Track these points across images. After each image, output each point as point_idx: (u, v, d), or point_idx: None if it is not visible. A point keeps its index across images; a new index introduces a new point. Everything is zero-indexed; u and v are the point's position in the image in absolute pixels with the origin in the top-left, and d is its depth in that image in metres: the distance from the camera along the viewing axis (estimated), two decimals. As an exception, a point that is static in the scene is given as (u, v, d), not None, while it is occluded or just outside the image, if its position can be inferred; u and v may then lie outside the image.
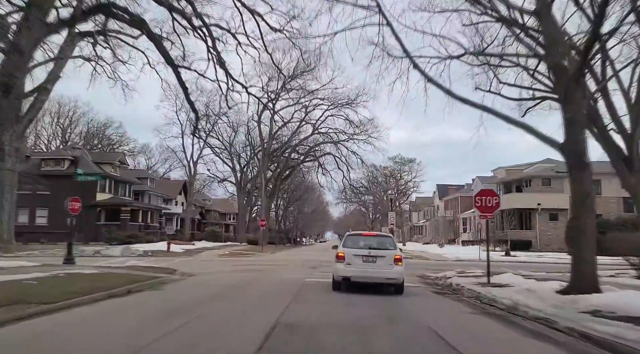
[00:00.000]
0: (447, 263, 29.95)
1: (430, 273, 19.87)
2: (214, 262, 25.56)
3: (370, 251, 12.02)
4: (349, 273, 11.92)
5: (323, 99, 51.12)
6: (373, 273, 11.81)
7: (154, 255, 32.56)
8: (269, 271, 19.16)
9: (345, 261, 12.01)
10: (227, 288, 13.00)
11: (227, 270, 19.93)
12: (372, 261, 11.86)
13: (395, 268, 11.88)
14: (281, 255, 38.83)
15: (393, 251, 12.22)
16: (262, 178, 50.87)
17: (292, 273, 18.60)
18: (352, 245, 12.48)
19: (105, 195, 47.19)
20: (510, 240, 44.09)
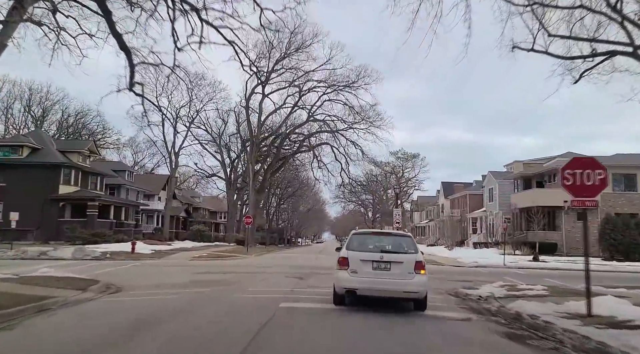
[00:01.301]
0: (469, 270, 24.30)
1: (460, 286, 14.57)
2: (175, 268, 19.87)
3: (383, 255, 9.22)
4: (354, 284, 9.10)
5: (320, 81, 45.30)
6: (386, 285, 9.01)
7: (113, 257, 27.25)
8: (237, 285, 13.50)
9: (349, 268, 9.19)
10: (130, 327, 7.32)
11: (181, 281, 14.27)
12: (384, 269, 9.06)
13: (415, 278, 9.03)
14: (268, 257, 33.16)
15: (413, 256, 9.31)
16: (249, 170, 45.12)
17: (269, 287, 13.01)
18: (359, 247, 9.56)
19: (71, 187, 41.43)
20: (533, 242, 38.49)
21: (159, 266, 21.27)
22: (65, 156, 42.20)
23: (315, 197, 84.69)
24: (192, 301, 10.07)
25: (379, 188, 76.13)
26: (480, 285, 14.95)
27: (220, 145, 59.00)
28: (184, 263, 23.26)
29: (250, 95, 45.42)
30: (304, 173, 62.08)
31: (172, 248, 38.54)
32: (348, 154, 47.05)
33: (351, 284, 9.10)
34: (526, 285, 13.94)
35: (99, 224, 40.85)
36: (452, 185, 74.48)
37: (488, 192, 53.33)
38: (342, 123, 47.46)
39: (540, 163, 46.26)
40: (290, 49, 42.52)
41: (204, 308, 9.34)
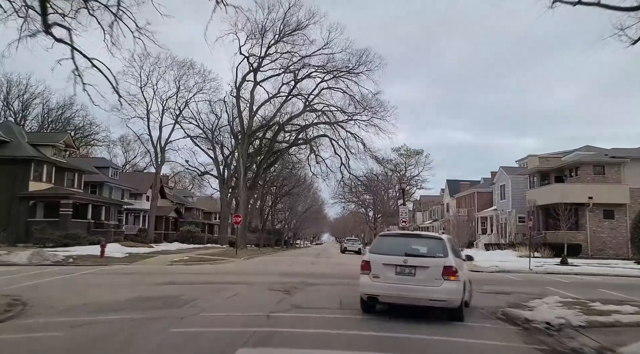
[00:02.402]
0: (494, 277, 20.35)
1: (503, 302, 11.15)
2: (133, 277, 16.01)
3: (407, 259, 8.21)
4: (376, 290, 8.32)
5: (317, 67, 41.31)
6: (410, 292, 8.07)
7: (77, 262, 23.58)
8: (193, 304, 9.59)
9: (371, 273, 8.40)
10: None
11: (123, 297, 10.51)
12: (409, 274, 8.15)
13: (444, 285, 7.97)
14: (257, 261, 29.32)
15: (441, 260, 8.19)
16: (240, 164, 41.20)
17: (237, 308, 9.18)
18: (382, 250, 8.69)
19: (43, 184, 37.52)
20: (554, 243, 34.63)
21: (119, 274, 17.36)
22: (38, 150, 38.30)
23: (314, 196, 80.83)
24: (95, 340, 6.20)
25: (380, 188, 72.26)
26: (529, 300, 11.17)
27: (213, 141, 55.18)
28: (154, 270, 19.37)
29: (241, 84, 41.55)
30: (301, 171, 58.26)
31: (152, 250, 34.69)
32: (348, 147, 43.13)
33: (372, 290, 8.43)
34: (599, 302, 10.05)
35: (74, 224, 36.99)
36: (457, 183, 70.49)
37: (499, 189, 49.40)
38: (342, 114, 43.57)
39: (558, 157, 42.39)
40: (284, 30, 38.69)
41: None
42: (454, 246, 9.45)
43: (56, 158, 39.24)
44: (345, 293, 11.91)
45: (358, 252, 52.44)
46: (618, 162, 35.62)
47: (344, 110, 42.99)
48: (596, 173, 35.99)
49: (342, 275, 18.87)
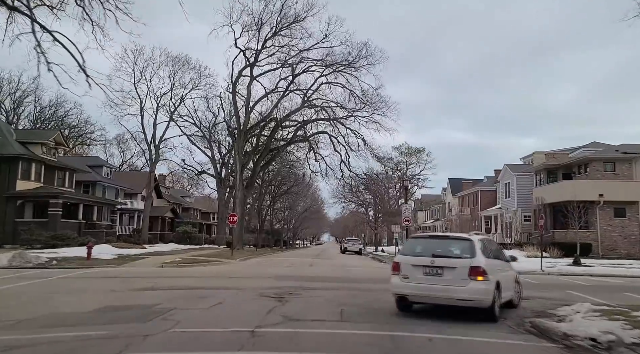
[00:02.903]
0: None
1: (523, 306, 10.15)
2: (114, 281, 14.61)
3: (435, 260, 8.41)
4: (405, 290, 8.67)
5: (316, 61, 39.77)
6: (438, 291, 8.29)
7: (61, 264, 22.33)
8: (167, 316, 8.16)
9: (401, 274, 8.73)
10: None
11: (90, 307, 9.17)
12: (436, 274, 8.36)
13: (470, 285, 8.10)
14: (254, 263, 27.93)
15: (467, 260, 8.32)
16: (236, 162, 39.73)
17: (217, 322, 7.79)
18: (412, 252, 9.14)
19: (31, 183, 36.08)
20: (563, 243, 33.22)
21: (99, 278, 15.96)
22: (26, 147, 36.88)
23: (313, 196, 79.36)
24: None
25: (381, 187, 70.76)
26: (555, 308, 9.82)
27: (210, 139, 53.75)
28: (140, 273, 17.97)
29: (237, 78, 40.09)
30: (301, 170, 56.79)
31: (144, 251, 33.25)
32: (348, 144, 41.65)
33: (402, 290, 8.83)
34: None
35: (63, 225, 35.58)
36: (460, 181, 69.16)
37: (504, 187, 47.96)
38: (342, 110, 42.08)
39: (565, 153, 40.94)
40: (281, 23, 37.24)
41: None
42: (488, 248, 9.30)
43: (46, 156, 37.80)
44: (347, 301, 10.51)
45: (359, 253, 50.96)
46: (629, 157, 34.21)
47: (344, 105, 41.55)
48: (607, 170, 34.58)
49: (343, 278, 17.46)
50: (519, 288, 10.44)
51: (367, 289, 13.34)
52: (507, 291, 9.33)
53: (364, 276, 18.90)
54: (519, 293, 10.41)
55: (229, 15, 41.54)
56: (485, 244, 9.28)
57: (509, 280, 9.72)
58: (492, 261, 8.87)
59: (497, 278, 8.52)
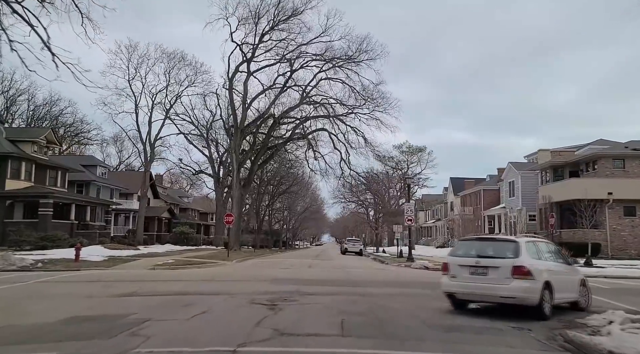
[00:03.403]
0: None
1: None
2: (97, 286, 13.56)
3: (479, 260, 9.07)
4: (452, 288, 9.43)
5: (315, 55, 38.58)
6: (483, 289, 8.91)
7: (47, 266, 21.30)
8: (138, 330, 7.03)
9: (450, 273, 9.52)
10: None
11: (58, 317, 8.12)
12: (481, 274, 8.95)
13: (513, 283, 8.59)
14: (250, 264, 26.81)
15: (510, 260, 8.80)
16: (233, 160, 38.58)
17: (196, 338, 6.56)
18: (459, 253, 9.82)
19: (21, 182, 34.98)
20: (571, 243, 32.05)
21: (81, 282, 14.84)
22: (16, 146, 35.77)
23: (313, 196, 78.19)
24: None
25: (381, 186, 69.62)
26: (584, 316, 8.70)
27: (207, 138, 52.66)
28: (127, 276, 16.82)
29: (234, 74, 38.95)
30: (300, 169, 55.64)
31: (137, 253, 32.13)
32: (348, 142, 40.47)
33: (450, 288, 9.45)
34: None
35: (55, 225, 34.49)
36: (462, 181, 67.88)
37: (508, 186, 46.81)
38: (342, 107, 40.93)
39: (571, 151, 39.81)
40: (279, 17, 36.09)
41: None
42: (539, 249, 9.69)
43: (37, 155, 36.69)
44: (348, 308, 9.38)
45: (359, 253, 49.74)
46: (639, 154, 33.08)
47: (344, 102, 40.39)
48: (616, 167, 33.44)
49: (343, 281, 16.32)
50: (586, 291, 10.54)
51: (369, 294, 12.22)
52: (565, 293, 9.64)
53: (365, 278, 17.78)
54: (587, 296, 10.51)
55: (224, 8, 40.36)
56: (537, 246, 9.76)
57: (568, 281, 9.95)
58: (542, 262, 9.24)
59: (546, 278, 8.82)
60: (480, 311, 9.78)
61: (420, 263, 26.62)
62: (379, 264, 30.65)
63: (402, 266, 27.22)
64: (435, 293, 12.89)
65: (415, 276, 19.63)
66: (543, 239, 11.44)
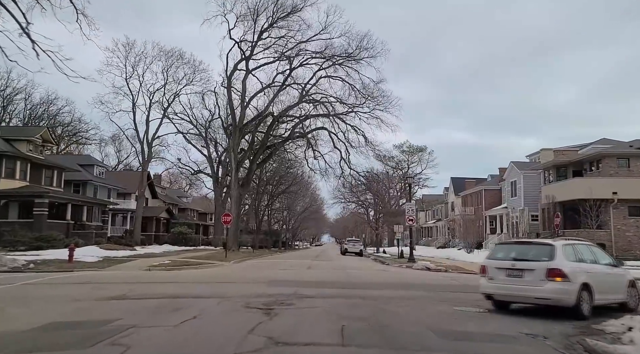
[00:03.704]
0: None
1: (557, 319, 8.43)
2: (80, 288, 13.03)
3: (515, 263, 9.52)
4: (490, 290, 9.88)
5: (315, 53, 38.01)
6: (518, 291, 9.31)
7: (39, 267, 20.79)
8: (119, 339, 6.45)
9: (487, 275, 9.94)
10: None
11: (17, 327, 7.46)
12: (517, 276, 9.40)
13: (547, 285, 8.93)
14: (248, 265, 26.26)
15: (545, 263, 9.16)
16: (231, 159, 38.03)
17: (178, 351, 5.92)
18: (496, 256, 10.25)
19: (16, 182, 34.38)
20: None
21: (70, 283, 14.29)
22: (11, 144, 35.19)
23: (313, 196, 77.61)
24: None
25: (381, 187, 69.09)
26: (600, 322, 8.15)
27: (206, 138, 52.12)
28: (119, 278, 16.28)
29: (232, 72, 38.36)
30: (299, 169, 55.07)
31: (134, 253, 31.59)
32: (349, 141, 39.88)
33: (488, 290, 9.87)
34: None
35: (50, 226, 33.89)
36: (462, 181, 67.30)
37: (510, 186, 46.25)
38: (342, 105, 40.34)
39: (574, 150, 39.23)
40: (278, 14, 35.53)
41: None
42: (578, 252, 9.83)
43: (32, 154, 36.12)
44: (348, 313, 8.81)
45: (359, 254, 49.11)
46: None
47: (344, 101, 39.79)
48: (620, 166, 32.88)
49: (343, 282, 15.76)
50: (636, 293, 10.74)
51: (371, 296, 11.65)
52: (609, 294, 9.87)
53: (366, 280, 17.22)
54: (637, 297, 10.71)
55: (222, 5, 39.60)
56: (576, 248, 9.93)
57: (612, 282, 10.09)
58: (580, 265, 9.46)
59: (584, 280, 9.02)
60: (489, 316, 9.23)
61: (421, 263, 26.05)
62: (380, 265, 30.10)
63: (403, 267, 26.66)
64: (438, 296, 12.35)
65: (417, 277, 19.07)
66: (585, 241, 11.34)
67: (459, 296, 12.43)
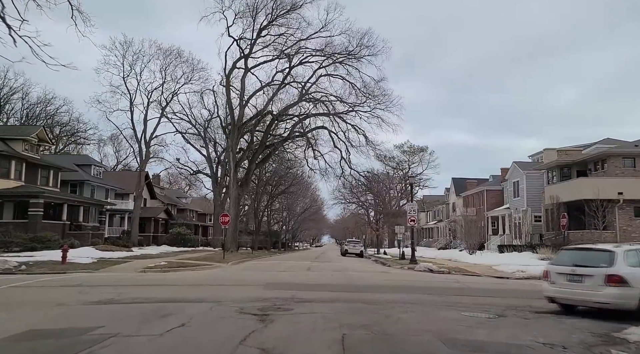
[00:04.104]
0: (531, 287, 16.69)
1: (570, 325, 8.07)
2: (69, 291, 12.49)
3: (575, 268, 9.86)
4: (552, 294, 10.30)
5: (315, 51, 37.45)
6: (578, 295, 9.70)
7: (32, 269, 20.29)
8: (97, 350, 5.85)
9: (549, 280, 10.45)
10: None
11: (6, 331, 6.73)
12: (577, 281, 9.76)
13: (607, 290, 9.19)
14: (245, 267, 25.73)
15: (604, 269, 9.41)
16: (230, 159, 37.47)
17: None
18: (558, 262, 10.88)
19: (11, 182, 33.82)
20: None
21: (60, 286, 13.72)
22: (6, 144, 34.62)
23: (313, 196, 77.03)
24: None
25: (382, 187, 68.54)
26: (621, 330, 7.56)
27: (205, 137, 51.57)
28: (112, 280, 15.73)
29: (231, 70, 37.83)
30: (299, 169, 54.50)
31: (130, 255, 31.04)
32: (349, 140, 39.30)
33: (550, 293, 10.30)
34: None
35: (45, 226, 33.38)
36: (464, 181, 66.74)
37: (512, 186, 45.66)
38: (342, 105, 39.76)
39: (578, 150, 38.62)
40: (277, 11, 34.97)
41: None
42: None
43: (27, 153, 35.55)
44: (349, 319, 8.23)
45: (360, 255, 48.41)
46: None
47: (344, 100, 39.20)
48: (626, 166, 32.30)
49: (344, 285, 15.18)
50: None
51: (373, 300, 11.06)
52: None
53: (367, 282, 16.62)
54: None
55: (220, 1, 39.04)
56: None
57: None
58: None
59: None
60: (500, 322, 8.63)
61: (424, 265, 25.45)
62: (381, 266, 29.52)
63: (405, 268, 26.07)
64: (444, 300, 11.75)
65: (420, 279, 18.48)
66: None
67: (464, 300, 11.84)
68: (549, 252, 31.76)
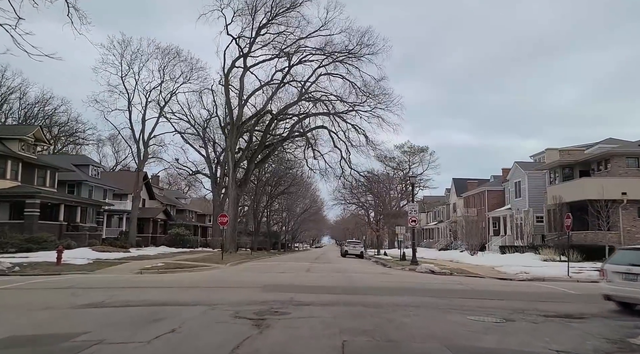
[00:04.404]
0: (536, 289, 16.27)
1: (580, 330, 7.46)
2: (59, 294, 12.11)
3: (631, 268, 10.08)
4: (609, 292, 10.73)
5: (315, 49, 37.07)
6: (633, 293, 9.95)
7: (26, 270, 19.96)
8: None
9: (606, 278, 10.91)
10: None
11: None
12: (632, 280, 10.00)
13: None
14: (244, 268, 25.32)
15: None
16: (229, 158, 37.06)
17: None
18: (614, 261, 11.09)
19: (7, 182, 33.45)
20: (582, 245, 30.55)
21: (51, 288, 13.31)
22: (2, 143, 34.26)
23: (313, 197, 76.62)
24: None
25: (382, 188, 68.14)
26: (637, 335, 7.15)
27: (204, 138, 51.18)
28: (106, 282, 15.32)
29: (230, 69, 37.46)
30: (299, 170, 54.08)
31: (127, 256, 30.62)
32: (349, 140, 38.90)
33: (607, 291, 10.71)
34: None
35: (42, 227, 33.01)
36: (465, 182, 66.34)
37: (514, 186, 45.29)
38: (342, 104, 39.36)
39: (581, 149, 38.25)
40: (277, 9, 34.59)
41: None
42: None
43: (24, 153, 35.16)
44: (350, 324, 7.81)
45: (360, 256, 47.94)
46: (657, 152, 31.55)
47: (344, 99, 38.80)
48: (629, 166, 31.92)
49: (344, 287, 14.76)
50: None
51: (374, 303, 10.64)
52: None
53: (368, 284, 16.21)
54: None
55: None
56: None
57: None
58: None
59: None
60: (508, 327, 8.22)
61: (425, 266, 25.02)
62: (382, 267, 29.11)
63: (406, 269, 25.65)
64: (447, 302, 11.32)
65: (422, 281, 18.06)
66: None
67: (469, 302, 11.43)
68: (551, 253, 31.33)
